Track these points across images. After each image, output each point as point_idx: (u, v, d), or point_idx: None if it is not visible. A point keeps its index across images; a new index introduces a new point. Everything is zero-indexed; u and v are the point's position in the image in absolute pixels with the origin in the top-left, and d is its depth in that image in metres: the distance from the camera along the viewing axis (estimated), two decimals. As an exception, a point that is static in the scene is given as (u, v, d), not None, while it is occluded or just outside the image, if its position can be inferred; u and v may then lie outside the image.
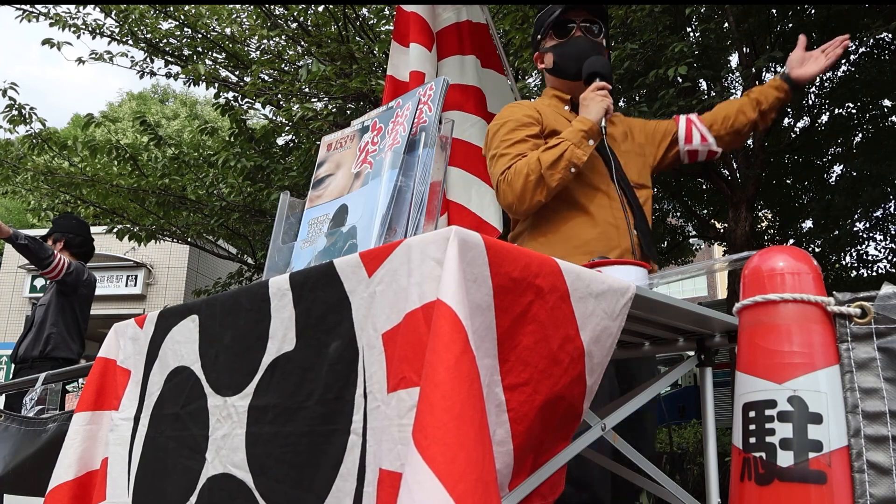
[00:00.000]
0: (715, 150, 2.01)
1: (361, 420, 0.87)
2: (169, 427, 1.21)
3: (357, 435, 0.87)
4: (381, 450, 0.82)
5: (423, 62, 2.42)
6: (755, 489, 0.89)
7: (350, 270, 0.94)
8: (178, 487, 1.12)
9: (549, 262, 0.91)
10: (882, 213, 8.06)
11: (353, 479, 0.86)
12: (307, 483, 0.91)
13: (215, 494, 1.06)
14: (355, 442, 0.87)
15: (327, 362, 0.93)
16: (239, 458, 1.02)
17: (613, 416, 1.13)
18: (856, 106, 7.23)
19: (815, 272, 0.95)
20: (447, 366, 0.74)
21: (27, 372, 3.80)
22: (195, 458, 1.11)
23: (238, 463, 1.02)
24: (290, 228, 1.40)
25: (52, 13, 6.08)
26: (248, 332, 1.08)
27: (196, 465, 1.10)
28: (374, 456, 0.83)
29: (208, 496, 1.07)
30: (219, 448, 1.07)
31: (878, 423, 0.87)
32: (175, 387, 1.22)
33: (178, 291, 13.65)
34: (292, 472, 0.94)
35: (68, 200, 6.98)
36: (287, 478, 0.95)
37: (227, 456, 1.05)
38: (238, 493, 1.01)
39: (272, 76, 6.32)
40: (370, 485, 0.83)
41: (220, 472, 1.06)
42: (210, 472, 1.08)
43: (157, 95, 24.19)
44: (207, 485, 1.08)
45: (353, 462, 0.86)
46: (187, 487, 1.11)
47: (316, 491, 0.90)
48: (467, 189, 2.53)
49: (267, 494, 0.97)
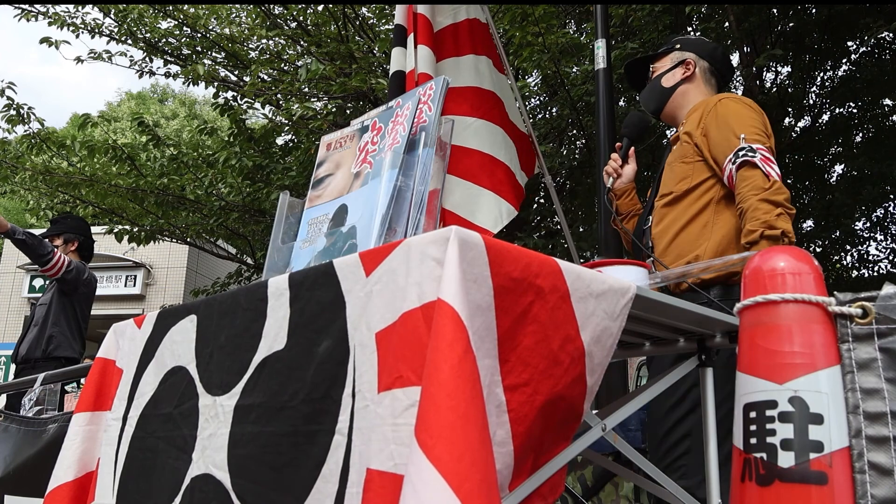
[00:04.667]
0: None
1: (348, 420, 0.86)
2: (160, 427, 1.20)
3: (342, 435, 0.86)
4: (370, 449, 0.81)
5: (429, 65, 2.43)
6: (756, 490, 0.89)
7: (349, 270, 0.94)
8: (164, 488, 1.12)
9: (550, 263, 0.91)
10: (883, 213, 8.06)
11: (335, 480, 0.85)
12: (286, 484, 0.91)
13: (196, 495, 1.05)
14: (340, 442, 0.86)
15: (316, 361, 0.93)
16: (220, 458, 1.01)
17: (613, 417, 1.12)
18: (856, 105, 7.23)
19: (815, 272, 0.95)
20: (451, 365, 0.74)
21: (29, 372, 3.80)
22: (182, 459, 1.10)
23: (219, 463, 1.01)
24: (290, 228, 1.40)
25: (50, 12, 6.07)
26: (243, 332, 1.08)
27: (182, 465, 1.10)
28: (360, 456, 0.83)
29: (190, 497, 1.06)
30: (204, 448, 1.06)
31: (879, 424, 0.87)
32: (170, 387, 1.21)
33: (177, 291, 13.65)
34: (271, 472, 0.93)
35: (67, 200, 6.98)
36: (266, 478, 0.94)
37: (210, 456, 1.04)
38: (216, 494, 1.00)
39: (271, 76, 6.32)
40: (355, 486, 0.82)
41: (203, 472, 1.05)
42: (194, 473, 1.07)
43: (155, 95, 24.20)
44: (190, 485, 1.07)
45: (336, 463, 0.86)
46: (172, 488, 1.10)
47: (295, 492, 0.89)
48: (455, 193, 2.52)
49: (243, 496, 0.96)
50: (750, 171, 1.70)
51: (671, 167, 1.95)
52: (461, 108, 2.59)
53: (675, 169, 1.93)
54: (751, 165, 1.70)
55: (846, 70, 6.93)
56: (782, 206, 1.65)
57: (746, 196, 1.68)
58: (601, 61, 3.55)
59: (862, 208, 7.72)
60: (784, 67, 6.65)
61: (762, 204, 1.64)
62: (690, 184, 1.87)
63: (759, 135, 1.77)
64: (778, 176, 1.70)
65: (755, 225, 1.62)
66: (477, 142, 2.58)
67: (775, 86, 6.63)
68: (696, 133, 1.88)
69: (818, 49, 6.34)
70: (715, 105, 1.86)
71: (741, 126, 1.78)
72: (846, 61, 6.84)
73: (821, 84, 7.01)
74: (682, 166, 1.90)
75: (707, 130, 1.85)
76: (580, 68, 5.41)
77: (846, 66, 6.90)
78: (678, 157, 1.94)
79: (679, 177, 1.91)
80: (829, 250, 8.43)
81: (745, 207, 1.67)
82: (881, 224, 8.21)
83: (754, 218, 1.64)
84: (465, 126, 2.58)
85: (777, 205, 1.64)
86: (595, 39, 3.59)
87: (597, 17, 3.62)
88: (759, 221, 1.62)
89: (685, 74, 2.05)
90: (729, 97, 1.89)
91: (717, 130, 1.82)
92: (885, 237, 8.35)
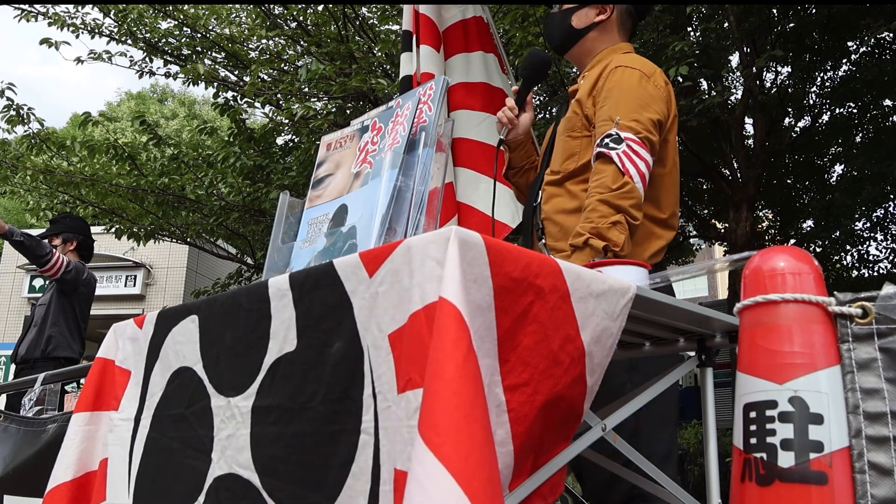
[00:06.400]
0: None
1: (372, 420, 0.86)
2: (173, 427, 1.20)
3: (368, 434, 0.87)
4: (395, 450, 0.82)
5: (430, 63, 2.43)
6: (756, 490, 0.89)
7: (350, 271, 0.94)
8: (185, 487, 1.12)
9: (550, 263, 0.91)
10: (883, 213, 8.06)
11: (366, 479, 0.86)
12: (315, 482, 0.91)
13: (222, 494, 1.06)
14: (367, 441, 0.87)
15: (330, 363, 0.93)
16: (244, 458, 1.02)
17: (614, 417, 1.12)
18: (856, 105, 7.23)
19: (815, 272, 0.95)
20: (456, 363, 0.74)
21: (29, 372, 3.80)
22: (201, 459, 1.11)
23: (244, 463, 1.02)
24: (290, 228, 1.40)
25: (50, 13, 6.07)
26: (248, 333, 1.08)
27: (202, 465, 1.11)
28: (388, 455, 0.84)
29: (215, 496, 1.07)
30: (224, 448, 1.07)
31: (879, 424, 0.87)
32: (179, 387, 1.22)
33: (177, 291, 13.65)
34: (299, 471, 0.94)
35: (67, 200, 6.98)
36: (294, 477, 0.95)
37: (233, 456, 1.05)
38: (245, 493, 1.01)
39: (271, 76, 6.32)
40: (387, 483, 0.83)
41: (227, 472, 1.06)
42: (216, 472, 1.08)
43: (155, 95, 24.19)
44: (214, 485, 1.08)
45: (365, 461, 0.86)
46: (194, 487, 1.11)
47: (326, 491, 0.90)
48: (475, 189, 2.52)
49: (274, 494, 0.97)
50: (604, 164, 1.53)
51: (560, 139, 1.73)
52: (474, 103, 2.58)
53: (562, 143, 1.72)
54: (606, 159, 1.52)
55: (846, 70, 6.93)
56: (623, 213, 1.48)
57: (591, 192, 1.52)
58: (601, 61, 3.54)
59: (862, 208, 7.71)
60: (784, 68, 6.65)
61: (601, 206, 1.49)
62: (577, 163, 1.67)
63: (635, 121, 1.55)
64: (639, 173, 1.51)
65: (584, 228, 1.48)
66: (492, 137, 2.58)
67: (775, 86, 6.63)
68: (586, 102, 1.68)
69: (818, 49, 6.34)
70: (611, 72, 1.64)
71: (622, 106, 1.57)
72: (846, 61, 6.83)
73: (821, 84, 7.01)
74: (569, 141, 1.70)
75: (596, 100, 1.65)
76: (580, 68, 5.40)
77: (846, 66, 6.90)
78: (567, 128, 1.72)
79: (566, 153, 1.70)
80: (829, 250, 8.43)
81: (586, 205, 1.52)
82: (881, 224, 8.21)
83: (588, 220, 1.49)
84: (480, 121, 2.57)
85: (618, 210, 1.48)
86: (595, 39, 3.58)
87: (597, 18, 3.62)
88: (590, 225, 1.48)
89: (598, 17, 1.79)
90: (626, 62, 1.65)
91: (602, 105, 1.62)
92: (885, 237, 8.35)
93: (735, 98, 6.50)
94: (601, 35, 1.81)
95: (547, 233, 1.72)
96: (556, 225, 1.69)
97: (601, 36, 1.81)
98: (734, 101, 6.36)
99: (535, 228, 1.75)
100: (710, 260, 1.76)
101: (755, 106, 6.04)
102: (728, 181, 6.43)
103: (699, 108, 4.94)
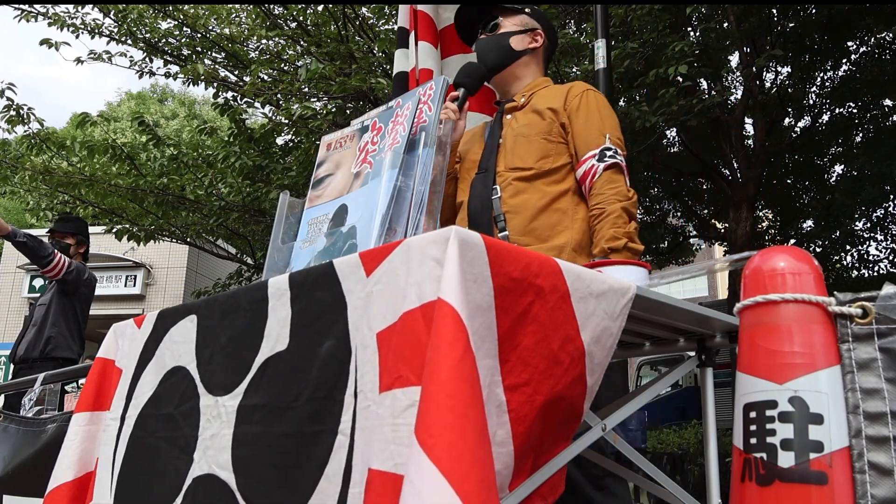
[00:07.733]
0: None
1: (350, 420, 0.86)
2: (161, 427, 1.20)
3: (345, 435, 0.86)
4: (372, 449, 0.81)
5: (429, 60, 2.43)
6: (756, 490, 0.89)
7: (349, 270, 0.94)
8: (165, 488, 1.11)
9: (550, 263, 0.91)
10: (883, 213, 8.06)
11: (338, 481, 0.85)
12: (291, 484, 0.91)
13: (199, 495, 1.05)
14: (342, 442, 0.86)
15: (319, 362, 0.93)
16: (224, 458, 1.02)
17: (613, 417, 1.12)
18: (856, 105, 7.24)
19: (815, 272, 0.95)
20: (451, 365, 0.74)
21: (27, 372, 3.79)
22: (183, 459, 1.10)
23: (223, 463, 1.02)
24: (290, 228, 1.40)
25: (50, 13, 6.07)
26: (244, 332, 1.08)
27: (184, 465, 1.10)
28: (362, 456, 0.83)
29: (192, 497, 1.06)
30: (206, 448, 1.06)
31: (879, 424, 0.87)
32: (171, 387, 1.21)
33: (177, 292, 13.65)
34: (277, 472, 0.94)
35: (67, 200, 6.98)
36: (271, 478, 0.94)
37: (213, 456, 1.04)
38: (220, 495, 1.00)
39: (271, 76, 6.32)
40: (357, 485, 0.82)
41: (206, 472, 1.05)
42: (196, 473, 1.07)
43: (155, 95, 24.19)
44: (193, 485, 1.07)
45: (339, 463, 0.86)
46: (174, 488, 1.10)
47: (300, 492, 0.89)
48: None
49: (248, 495, 0.96)
50: (617, 175, 1.72)
51: (528, 139, 1.83)
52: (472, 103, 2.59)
53: (534, 143, 1.82)
54: (618, 170, 1.72)
55: (846, 70, 6.93)
56: (635, 221, 1.70)
57: (611, 199, 1.68)
58: (601, 61, 3.54)
59: (862, 208, 7.71)
60: (784, 68, 6.65)
61: (624, 213, 1.67)
62: (553, 164, 1.79)
63: (620, 140, 1.79)
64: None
65: (620, 233, 1.64)
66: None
67: (775, 86, 6.63)
68: (562, 113, 1.82)
69: (818, 49, 6.34)
70: (584, 92, 1.82)
71: (608, 125, 1.78)
72: (846, 61, 6.84)
73: (821, 84, 7.01)
74: (545, 143, 1.81)
75: (572, 115, 1.80)
76: (580, 68, 5.41)
77: (846, 66, 6.90)
78: (540, 131, 1.82)
79: (540, 153, 1.80)
80: (829, 250, 8.43)
81: (609, 211, 1.67)
82: (881, 224, 8.21)
83: (618, 226, 1.65)
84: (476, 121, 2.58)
85: (633, 218, 1.69)
86: (595, 39, 3.58)
87: (597, 18, 3.62)
88: (623, 231, 1.65)
89: (531, 45, 1.96)
90: (594, 89, 1.86)
91: (586, 121, 1.78)
92: (885, 237, 8.35)
93: (735, 98, 6.50)
94: (531, 61, 1.97)
95: (510, 226, 1.76)
96: (521, 218, 1.76)
97: (530, 62, 1.97)
98: (734, 101, 6.37)
99: (496, 221, 1.79)
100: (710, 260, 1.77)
101: (755, 106, 6.04)
102: (728, 181, 6.44)
103: (699, 108, 4.94)
